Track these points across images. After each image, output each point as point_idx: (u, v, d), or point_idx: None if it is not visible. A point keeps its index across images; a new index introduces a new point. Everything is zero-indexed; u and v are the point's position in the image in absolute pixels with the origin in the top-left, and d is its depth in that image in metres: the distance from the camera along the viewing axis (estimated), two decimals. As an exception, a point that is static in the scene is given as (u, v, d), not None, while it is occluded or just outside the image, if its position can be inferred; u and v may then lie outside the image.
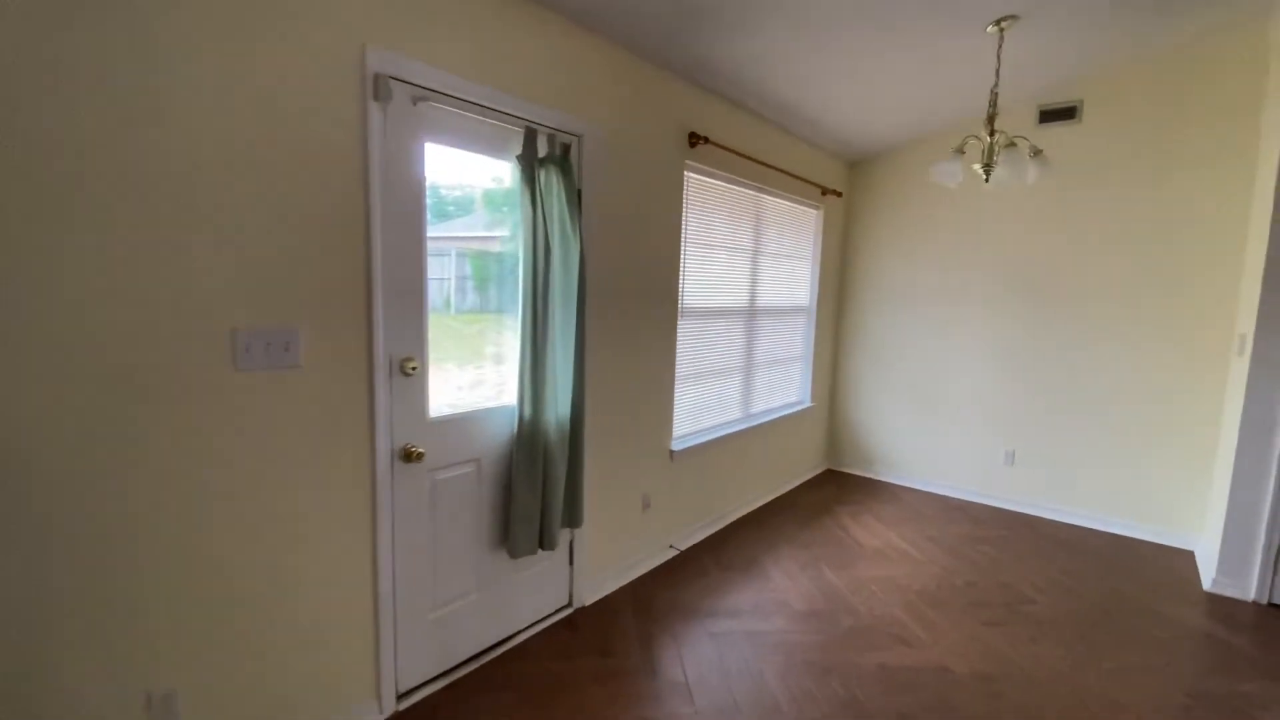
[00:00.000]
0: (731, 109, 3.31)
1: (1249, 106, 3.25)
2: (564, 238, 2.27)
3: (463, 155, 2.10)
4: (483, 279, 2.15)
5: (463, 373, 2.21)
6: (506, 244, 2.24)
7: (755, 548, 3.38)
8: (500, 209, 2.24)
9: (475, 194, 2.08)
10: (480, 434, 2.20)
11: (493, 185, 2.19)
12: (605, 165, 2.56)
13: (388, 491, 1.91)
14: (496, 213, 2.22)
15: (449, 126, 2.00)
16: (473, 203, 2.07)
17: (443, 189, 1.96)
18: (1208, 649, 2.53)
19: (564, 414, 2.35)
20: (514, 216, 2.25)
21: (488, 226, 2.18)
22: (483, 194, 2.11)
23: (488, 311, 2.17)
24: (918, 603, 2.85)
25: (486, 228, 2.16)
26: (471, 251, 2.20)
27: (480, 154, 2.13)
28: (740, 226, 3.63)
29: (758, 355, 3.95)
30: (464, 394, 2.20)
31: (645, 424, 2.96)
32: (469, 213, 2.06)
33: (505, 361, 2.32)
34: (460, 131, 2.04)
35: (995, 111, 2.87)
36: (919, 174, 4.37)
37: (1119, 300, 3.73)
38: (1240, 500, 2.94)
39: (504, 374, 2.31)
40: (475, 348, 2.27)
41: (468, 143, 2.07)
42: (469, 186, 2.03)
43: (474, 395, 2.23)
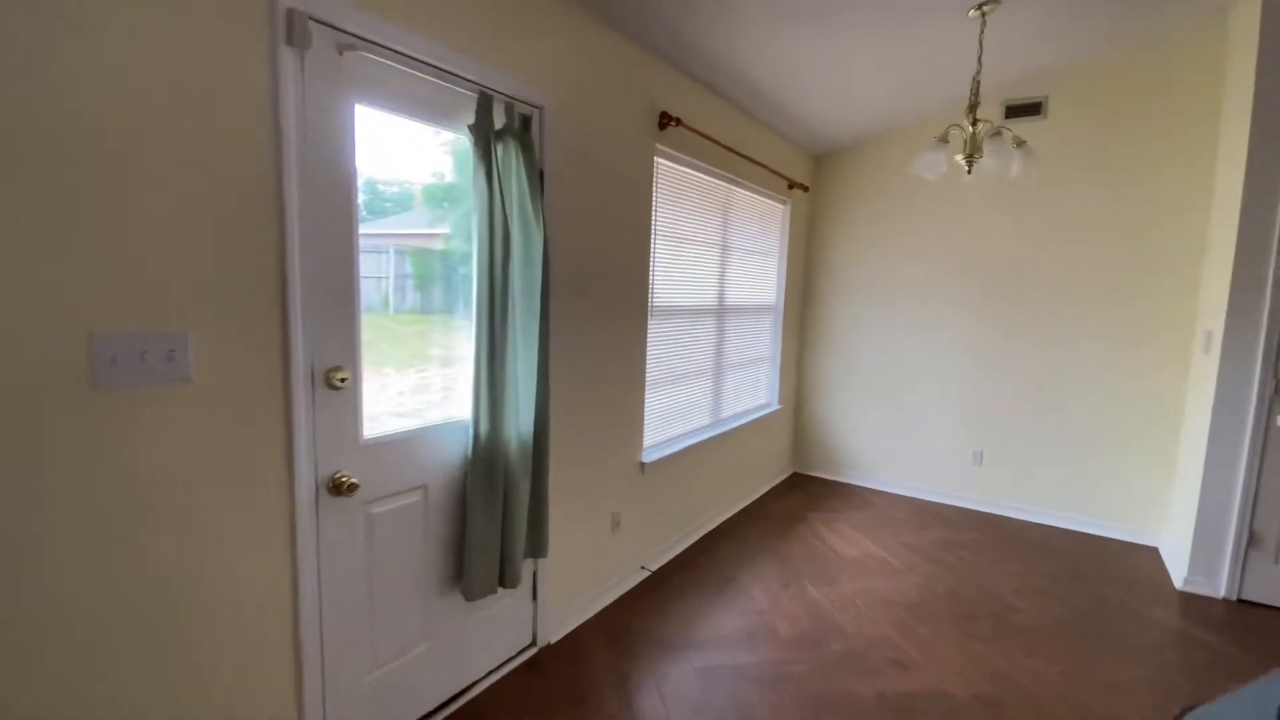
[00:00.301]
0: (703, 92, 3.07)
1: (1209, 104, 3.27)
2: (525, 223, 1.95)
3: (402, 124, 1.75)
4: (424, 278, 1.91)
5: (403, 377, 1.89)
6: (450, 241, 1.96)
7: (732, 564, 3.15)
8: (442, 205, 1.94)
9: (414, 190, 1.83)
10: (427, 456, 1.86)
11: (433, 180, 1.91)
12: (570, 144, 2.26)
13: (310, 535, 1.55)
14: (438, 209, 1.93)
15: (385, 85, 1.65)
16: (412, 199, 1.84)
17: (380, 184, 1.71)
18: (1194, 654, 2.46)
19: (526, 428, 2.03)
20: (455, 212, 1.94)
21: (429, 223, 1.92)
22: (423, 190, 1.86)
23: (431, 312, 1.93)
24: (906, 618, 2.68)
25: (428, 224, 1.91)
26: (412, 249, 1.90)
27: (424, 122, 1.78)
28: (710, 220, 3.39)
29: (727, 357, 3.73)
30: (406, 399, 1.87)
31: (614, 435, 2.67)
32: (408, 209, 1.84)
33: (452, 364, 1.99)
34: (400, 93, 1.69)
35: (977, 100, 2.73)
36: (885, 169, 4.26)
37: (1082, 298, 3.71)
38: (1210, 500, 2.93)
39: (450, 378, 1.99)
40: (417, 350, 1.94)
41: (409, 107, 1.73)
42: (408, 182, 1.79)
43: (416, 402, 1.90)
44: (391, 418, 1.81)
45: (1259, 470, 2.81)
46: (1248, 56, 2.85)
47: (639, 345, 2.79)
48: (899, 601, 2.83)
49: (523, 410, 2.04)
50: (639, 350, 2.79)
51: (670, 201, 3.00)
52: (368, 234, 1.68)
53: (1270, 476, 2.79)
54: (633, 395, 2.78)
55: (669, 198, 2.98)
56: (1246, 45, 2.91)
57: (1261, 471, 2.81)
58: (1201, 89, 3.29)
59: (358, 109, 1.59)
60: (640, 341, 2.79)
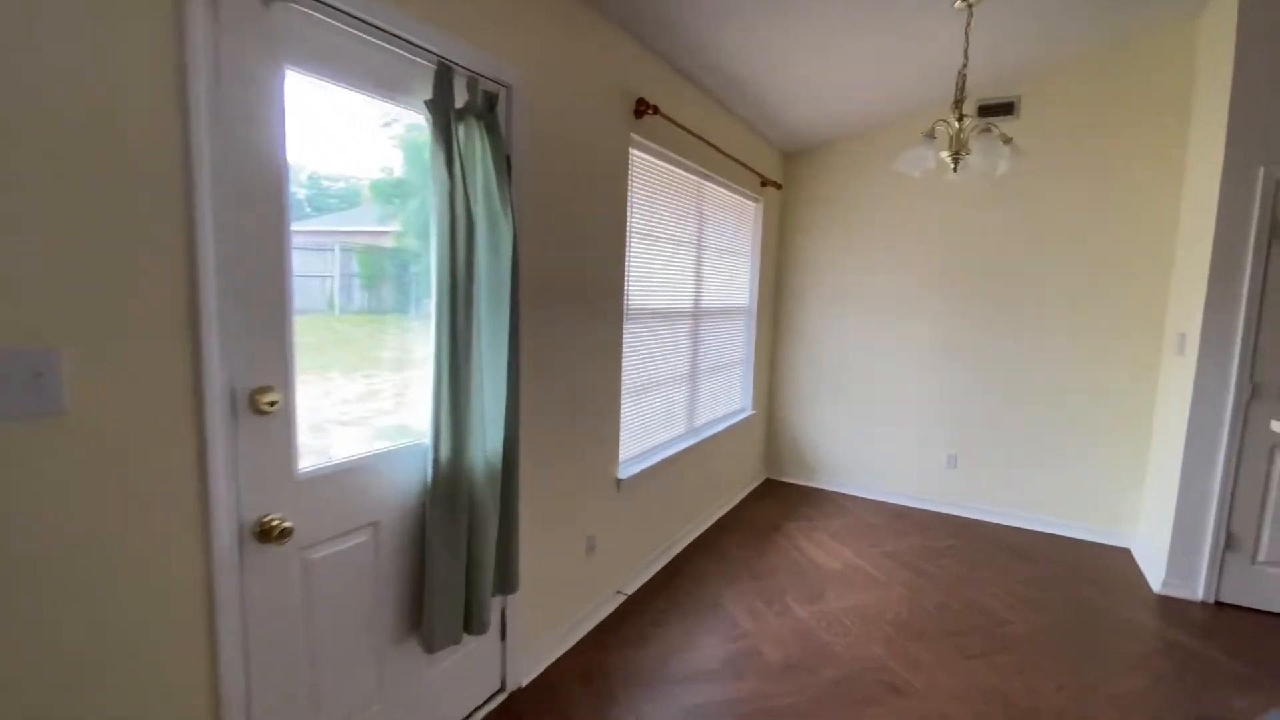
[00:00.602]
0: (680, 80, 2.87)
1: (1178, 107, 3.28)
2: (492, 215, 1.71)
3: (347, 99, 1.49)
4: (373, 277, 1.72)
5: (351, 382, 1.64)
6: (401, 239, 1.74)
7: (713, 583, 2.97)
8: (391, 201, 1.71)
9: (362, 185, 1.63)
10: (378, 487, 1.59)
11: (381, 175, 1.67)
12: (540, 129, 2.02)
13: (232, 597, 1.27)
14: (387, 205, 1.70)
15: (323, 47, 1.38)
16: (359, 195, 1.65)
17: (325, 179, 1.52)
18: (1187, 663, 2.42)
19: (495, 449, 1.79)
20: (406, 209, 1.71)
21: (378, 220, 1.71)
22: (371, 185, 1.65)
23: (381, 312, 1.73)
24: (896, 636, 2.56)
25: (377, 221, 1.71)
26: (359, 247, 1.67)
27: (372, 94, 1.52)
28: (685, 217, 3.20)
29: (703, 361, 3.55)
30: (354, 407, 1.62)
31: (590, 450, 2.44)
32: (355, 205, 1.66)
33: (404, 368, 1.75)
34: (341, 57, 1.42)
35: (963, 95, 2.63)
36: (857, 168, 4.16)
37: (1053, 300, 3.70)
38: (1188, 503, 2.92)
39: (402, 383, 1.75)
40: (367, 352, 1.70)
41: (354, 76, 1.46)
42: (355, 177, 1.58)
43: (365, 409, 1.66)
44: (337, 427, 1.57)
45: (1235, 472, 2.81)
46: (1218, 59, 2.85)
47: (615, 350, 2.57)
48: (886, 618, 2.70)
49: (490, 428, 1.79)
50: (615, 356, 2.57)
51: (645, 197, 2.79)
52: (311, 231, 1.45)
53: (1246, 478, 2.80)
54: (609, 405, 2.56)
55: (644, 193, 2.77)
56: (1216, 47, 2.91)
57: (1238, 474, 2.81)
58: (1170, 92, 3.30)
59: (289, 76, 1.31)
60: (616, 346, 2.57)
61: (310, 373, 1.45)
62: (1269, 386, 2.73)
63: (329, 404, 1.55)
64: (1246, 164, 2.70)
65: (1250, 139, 2.68)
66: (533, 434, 2.10)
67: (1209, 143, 2.90)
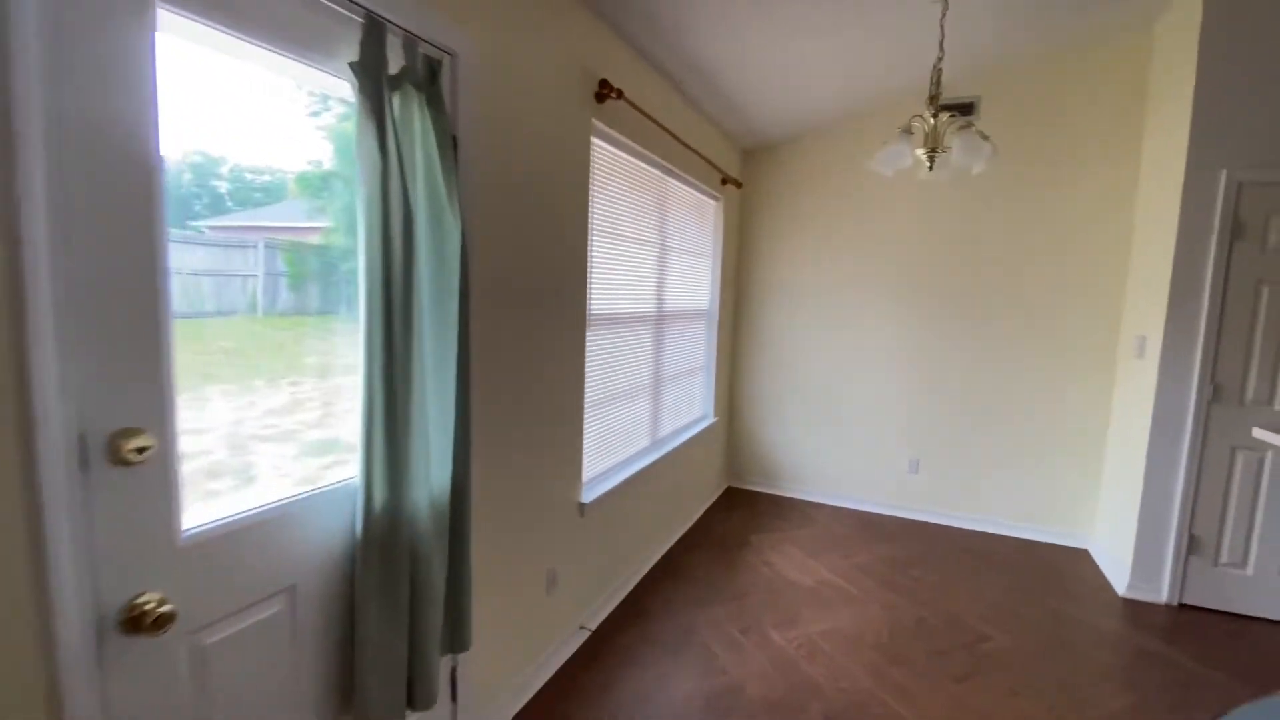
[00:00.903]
0: (644, 65, 2.64)
1: (1134, 111, 3.30)
2: (435, 206, 1.43)
3: (257, 66, 1.17)
4: (300, 276, 1.51)
5: (276, 391, 1.38)
6: (330, 236, 1.50)
7: (683, 609, 2.75)
8: (320, 195, 1.47)
9: (287, 178, 1.42)
10: (294, 542, 1.28)
11: (309, 168, 1.43)
12: (491, 109, 1.74)
13: (89, 706, 0.95)
14: (316, 199, 1.48)
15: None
16: (284, 188, 1.45)
17: (248, 171, 1.32)
18: (1166, 675, 2.38)
19: (441, 485, 1.50)
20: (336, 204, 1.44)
21: (306, 215, 1.50)
22: (297, 178, 1.44)
23: (308, 314, 1.52)
24: (880, 661, 2.41)
25: (304, 217, 1.52)
26: (285, 243, 1.45)
27: (274, 49, 1.21)
28: (647, 215, 2.97)
29: (666, 368, 3.33)
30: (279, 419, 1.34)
31: (551, 474, 2.18)
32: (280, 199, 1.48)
33: (332, 374, 1.46)
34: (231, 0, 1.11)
35: (939, 91, 2.52)
36: (817, 167, 4.05)
37: (1011, 303, 3.68)
38: (1151, 507, 2.92)
39: (331, 390, 1.47)
40: (294, 358, 1.44)
41: (254, 26, 1.14)
42: (281, 171, 1.38)
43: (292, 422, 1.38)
44: (258, 443, 1.30)
45: (1197, 475, 2.83)
46: (1178, 64, 2.86)
47: (577, 361, 2.31)
48: (868, 640, 2.56)
49: (436, 461, 1.51)
50: (577, 367, 2.31)
51: (607, 191, 2.54)
52: (232, 226, 1.28)
53: (1208, 481, 2.82)
54: (571, 422, 2.30)
55: (606, 187, 2.53)
56: (1175, 52, 2.92)
57: (1200, 476, 2.82)
58: (1125, 96, 3.32)
59: (162, 18, 1.00)
60: (579, 356, 2.31)
61: (228, 383, 1.25)
62: (1230, 388, 2.75)
63: (252, 416, 1.29)
64: (1209, 167, 2.70)
65: (1212, 142, 2.69)
66: (487, 462, 1.82)
67: (1169, 146, 2.91)
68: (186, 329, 1.13)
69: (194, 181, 1.15)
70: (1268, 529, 2.74)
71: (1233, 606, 2.83)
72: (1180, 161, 2.78)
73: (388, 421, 1.35)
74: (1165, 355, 2.85)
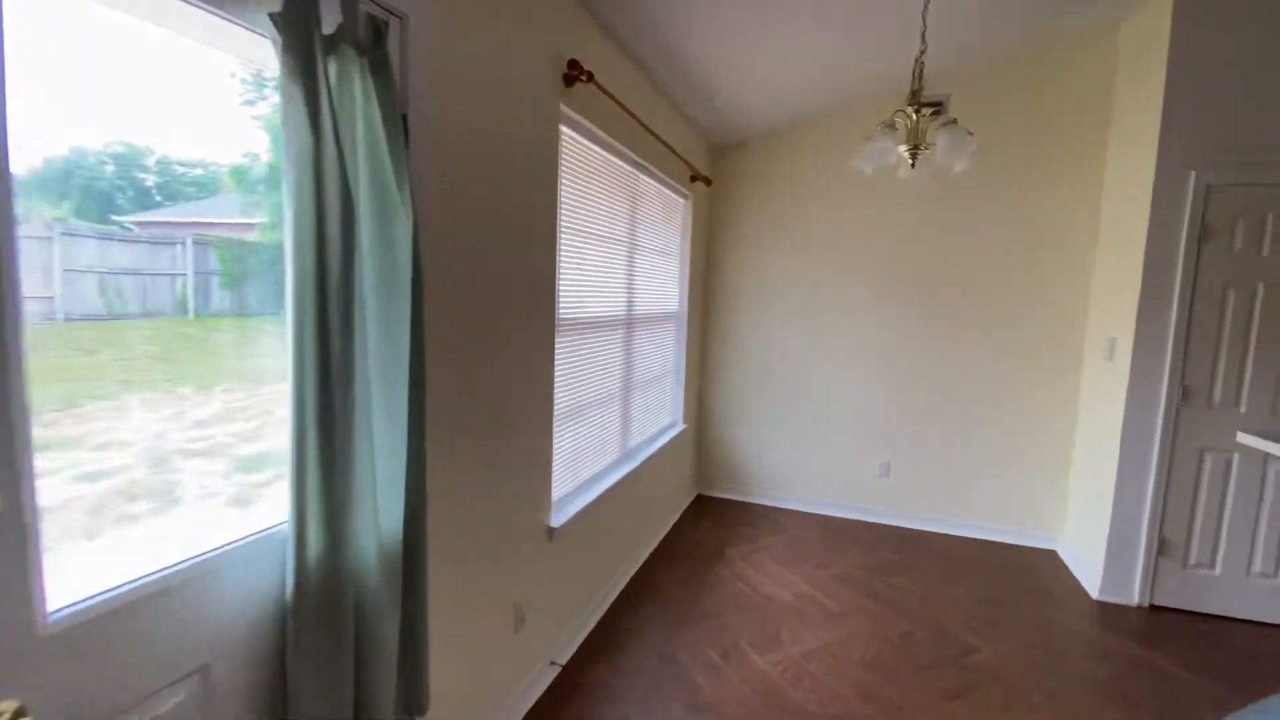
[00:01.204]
0: (616, 50, 2.45)
1: (1099, 113, 3.31)
2: (381, 194, 1.20)
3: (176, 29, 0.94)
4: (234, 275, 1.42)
5: (208, 399, 1.22)
6: (267, 232, 1.35)
7: (658, 633, 2.56)
8: (257, 189, 1.33)
9: (221, 172, 1.30)
10: (205, 611, 1.03)
11: (244, 161, 1.29)
12: (448, 83, 1.51)
13: None
14: (252, 194, 1.34)
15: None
16: (218, 182, 1.34)
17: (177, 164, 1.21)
18: (1152, 683, 2.35)
19: (392, 528, 1.27)
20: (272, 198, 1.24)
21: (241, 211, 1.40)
22: (231, 171, 1.32)
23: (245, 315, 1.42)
24: (869, 680, 2.29)
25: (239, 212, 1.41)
26: (217, 241, 1.33)
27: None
28: (618, 212, 2.77)
29: (636, 375, 3.14)
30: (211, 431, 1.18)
31: (517, 498, 1.95)
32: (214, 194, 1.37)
33: (268, 380, 1.28)
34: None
35: (921, 85, 2.41)
36: (786, 165, 3.94)
37: (979, 306, 3.66)
38: (1123, 510, 2.92)
39: (270, 398, 1.29)
40: (225, 363, 1.31)
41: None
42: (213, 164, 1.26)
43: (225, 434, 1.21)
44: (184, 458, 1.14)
45: (1167, 478, 2.83)
46: (1146, 68, 2.86)
47: (546, 370, 2.09)
48: (854, 658, 2.44)
49: (386, 494, 1.27)
50: (546, 377, 2.09)
51: (576, 186, 2.33)
52: (157, 221, 1.18)
53: (1177, 483, 2.83)
54: (540, 438, 2.08)
55: (575, 180, 2.32)
56: (1143, 56, 2.93)
57: (1170, 479, 2.83)
58: (1090, 99, 3.32)
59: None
60: (547, 365, 2.10)
61: (151, 390, 1.12)
62: (1198, 390, 2.77)
63: (178, 428, 1.14)
64: (1178, 169, 2.71)
65: (1181, 145, 2.69)
66: (446, 491, 1.59)
67: (1138, 148, 2.91)
68: (106, 332, 1.08)
69: (117, 173, 1.07)
70: (1235, 530, 2.77)
71: (1202, 607, 2.85)
72: (1150, 164, 2.78)
73: (323, 451, 1.11)
74: (1136, 357, 2.85)
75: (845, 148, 3.72)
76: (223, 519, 1.17)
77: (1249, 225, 2.66)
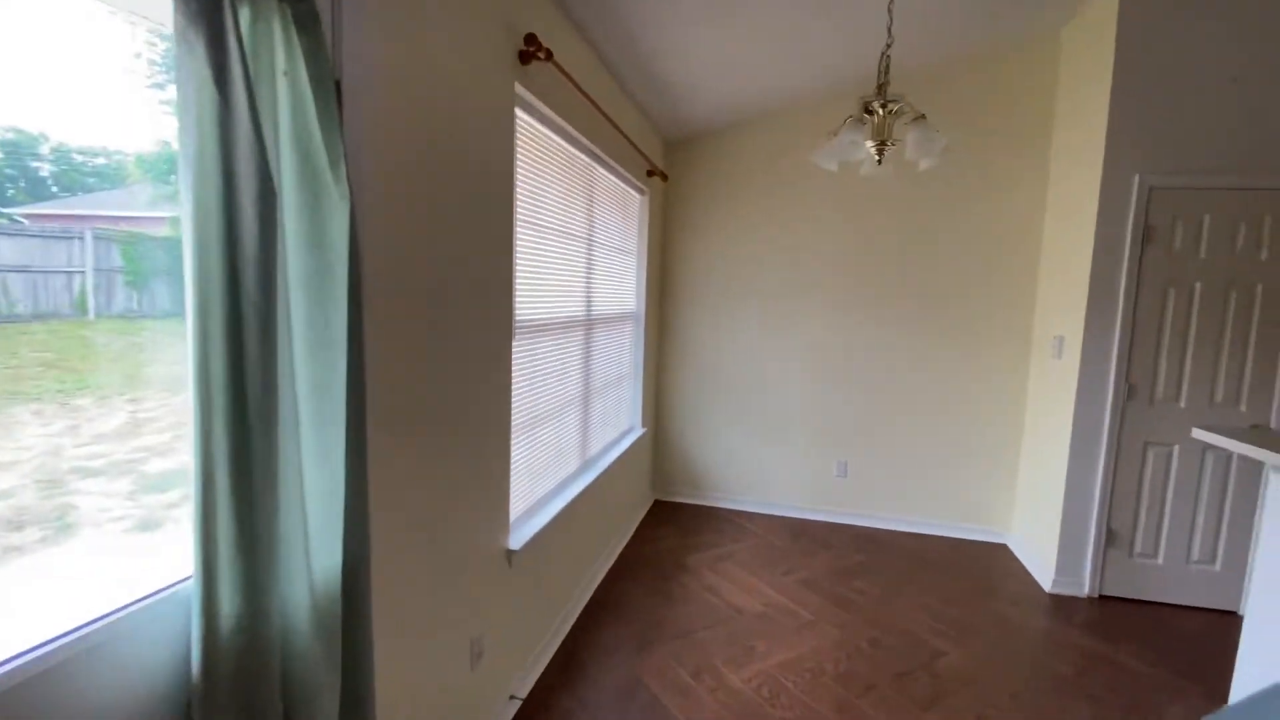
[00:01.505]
0: (573, 32, 2.28)
1: (1043, 115, 3.39)
2: (310, 171, 1.00)
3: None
4: (141, 273, 1.30)
5: (108, 412, 1.08)
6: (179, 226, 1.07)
7: (626, 655, 2.41)
8: (167, 180, 1.18)
9: (126, 160, 1.19)
10: (83, 704, 0.80)
11: (153, 149, 1.18)
12: (389, 49, 1.30)
13: None
14: (163, 185, 1.21)
15: None
16: (123, 172, 1.22)
17: (75, 152, 1.10)
18: (1111, 676, 2.38)
19: (328, 569, 1.06)
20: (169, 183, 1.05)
21: (149, 203, 1.28)
22: (137, 159, 1.21)
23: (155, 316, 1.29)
24: (845, 695, 2.22)
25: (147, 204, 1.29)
26: (121, 235, 1.23)
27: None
28: (575, 206, 2.60)
29: (595, 379, 2.97)
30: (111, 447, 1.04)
31: (472, 520, 1.75)
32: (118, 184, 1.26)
33: (179, 389, 1.11)
34: None
35: (886, 80, 2.37)
36: (743, 162, 3.86)
37: (929, 304, 3.69)
38: (1074, 504, 2.99)
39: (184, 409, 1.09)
40: (130, 370, 1.17)
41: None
42: (118, 152, 1.15)
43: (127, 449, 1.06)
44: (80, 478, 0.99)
45: (1114, 471, 2.91)
46: (1090, 72, 2.93)
47: (502, 376, 1.90)
48: (828, 670, 2.36)
49: (320, 531, 1.07)
50: (503, 384, 1.90)
51: (533, 177, 2.14)
52: (51, 214, 1.07)
53: (1123, 476, 2.91)
54: (496, 453, 1.88)
55: (532, 171, 2.13)
56: (1084, 58, 3.00)
57: (1116, 473, 2.91)
58: (1036, 102, 3.40)
59: None
60: (504, 371, 1.90)
61: (44, 401, 1.00)
62: (1142, 387, 2.86)
63: (74, 444, 1.00)
64: (1123, 172, 2.78)
65: (1127, 148, 2.76)
66: (393, 522, 1.38)
67: (1084, 150, 2.98)
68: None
69: (6, 162, 0.99)
70: (1175, 519, 2.88)
71: (1147, 595, 2.94)
72: (1096, 166, 2.84)
73: (238, 485, 0.90)
74: (1085, 356, 2.92)
75: (800, 147, 3.68)
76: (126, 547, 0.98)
77: (1187, 227, 2.76)
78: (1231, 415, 2.77)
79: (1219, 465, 2.81)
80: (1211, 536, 2.85)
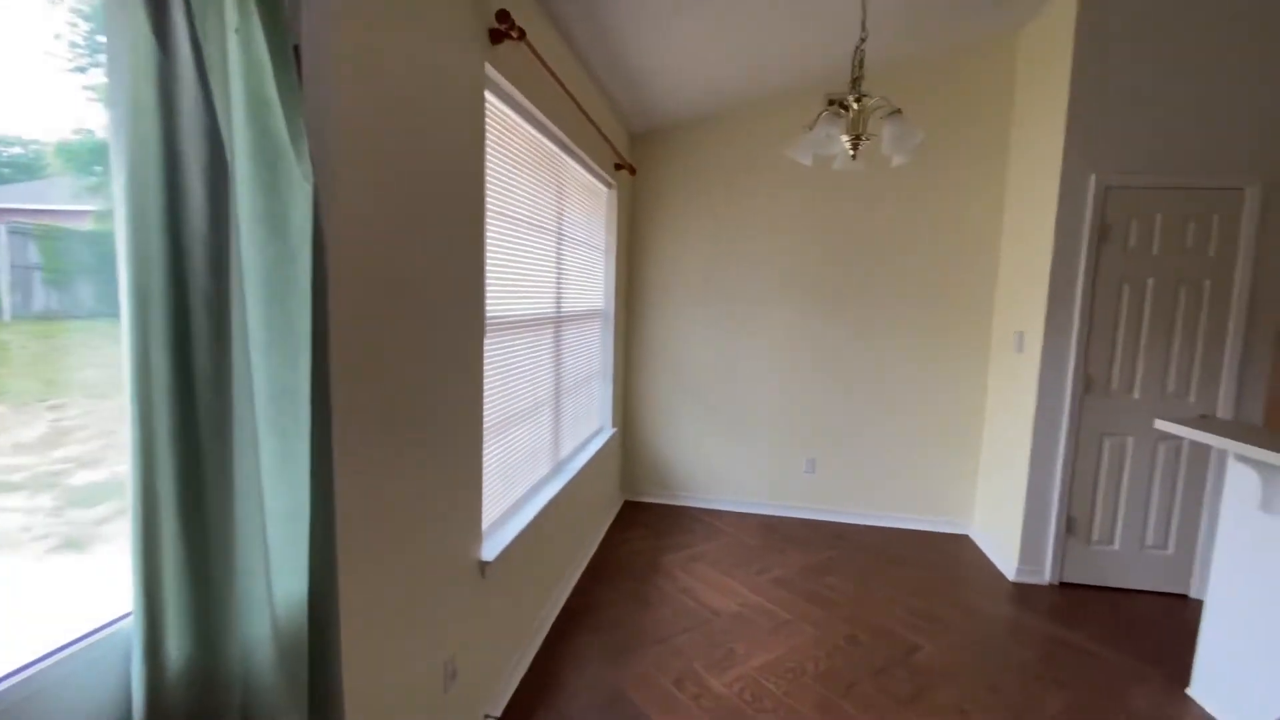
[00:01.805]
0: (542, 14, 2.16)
1: (1001, 115, 3.47)
2: (268, 146, 0.87)
3: None
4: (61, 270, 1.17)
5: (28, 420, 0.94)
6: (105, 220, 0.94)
7: (604, 666, 2.32)
8: (91, 170, 1.07)
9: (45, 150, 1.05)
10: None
11: (75, 137, 1.04)
12: (350, 14, 1.17)
13: None
14: (86, 175, 1.08)
15: None
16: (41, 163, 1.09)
17: None
18: (1079, 662, 2.44)
19: (292, 599, 0.94)
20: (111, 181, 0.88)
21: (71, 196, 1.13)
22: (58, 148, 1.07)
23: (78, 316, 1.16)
24: (827, 695, 2.19)
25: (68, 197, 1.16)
26: (39, 230, 1.08)
27: None
28: (545, 197, 2.49)
29: (566, 378, 2.87)
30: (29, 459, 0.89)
31: (444, 532, 1.63)
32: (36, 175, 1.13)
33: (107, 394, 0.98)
34: None
35: (861, 74, 2.36)
36: (710, 156, 3.82)
37: (893, 300, 3.74)
38: (1035, 494, 3.07)
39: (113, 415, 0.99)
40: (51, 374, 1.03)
41: None
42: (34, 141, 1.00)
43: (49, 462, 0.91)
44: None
45: (1073, 462, 3.00)
46: (1048, 72, 3.01)
47: (474, 378, 1.78)
48: (808, 670, 2.34)
49: (282, 557, 0.94)
50: (474, 385, 1.78)
51: (502, 164, 2.03)
52: None
53: (1082, 467, 3.00)
54: (468, 459, 1.76)
55: (501, 158, 2.01)
56: (1043, 58, 3.08)
57: (1075, 462, 3.00)
58: (995, 101, 3.47)
59: None
60: (475, 372, 1.79)
61: None
62: (1099, 379, 2.95)
63: None
64: (1080, 172, 2.86)
65: (1084, 147, 2.85)
66: (361, 542, 1.25)
67: (1043, 149, 3.05)
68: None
69: None
70: (1130, 507, 2.99)
71: (1104, 581, 3.05)
72: (1054, 166, 2.92)
73: (185, 503, 0.77)
74: (1046, 350, 2.99)
75: (768, 143, 3.67)
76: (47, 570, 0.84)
77: (1141, 225, 2.86)
78: (1182, 406, 2.89)
79: (1170, 454, 2.93)
80: (1164, 522, 2.97)
